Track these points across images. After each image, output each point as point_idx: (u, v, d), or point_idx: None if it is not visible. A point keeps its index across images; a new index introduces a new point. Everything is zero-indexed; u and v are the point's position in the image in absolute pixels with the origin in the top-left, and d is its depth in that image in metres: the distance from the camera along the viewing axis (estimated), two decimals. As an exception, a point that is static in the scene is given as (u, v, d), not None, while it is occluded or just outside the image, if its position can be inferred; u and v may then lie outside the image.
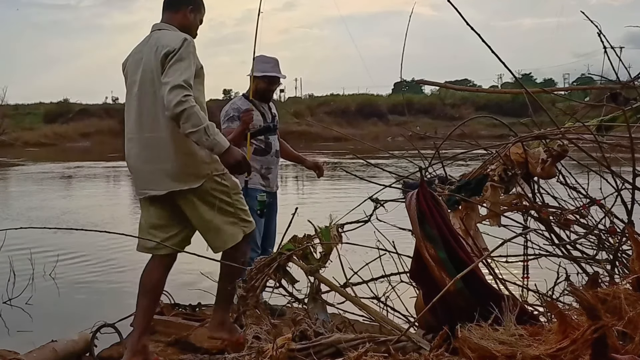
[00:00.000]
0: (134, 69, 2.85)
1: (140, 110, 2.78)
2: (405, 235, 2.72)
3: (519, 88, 2.81)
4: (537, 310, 2.35)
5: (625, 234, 2.34)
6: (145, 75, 2.77)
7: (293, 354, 1.88)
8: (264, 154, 3.96)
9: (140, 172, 2.88)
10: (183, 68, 2.61)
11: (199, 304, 3.66)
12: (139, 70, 2.80)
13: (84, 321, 3.36)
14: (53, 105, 43.61)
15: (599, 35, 2.42)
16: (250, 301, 2.55)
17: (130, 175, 3.02)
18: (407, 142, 3.92)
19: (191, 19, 2.95)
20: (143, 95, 2.78)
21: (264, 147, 3.96)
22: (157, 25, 2.93)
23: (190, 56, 2.68)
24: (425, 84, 3.27)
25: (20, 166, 20.63)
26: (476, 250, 2.46)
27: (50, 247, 6.43)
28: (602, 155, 2.56)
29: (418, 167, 2.55)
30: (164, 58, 2.66)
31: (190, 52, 2.69)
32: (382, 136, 31.15)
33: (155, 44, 2.76)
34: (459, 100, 41.25)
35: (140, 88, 2.79)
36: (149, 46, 2.80)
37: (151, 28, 2.94)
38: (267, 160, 3.97)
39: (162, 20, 2.96)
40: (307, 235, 2.76)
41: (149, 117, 2.76)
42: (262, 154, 3.95)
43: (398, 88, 42.31)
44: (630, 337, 1.54)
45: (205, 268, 3.73)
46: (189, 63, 2.65)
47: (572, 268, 2.65)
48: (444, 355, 1.72)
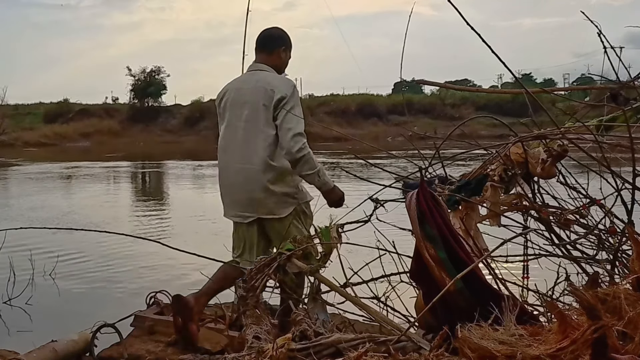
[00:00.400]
0: (237, 104, 3.14)
1: (247, 143, 3.08)
2: (405, 235, 2.72)
3: (519, 88, 2.81)
4: (537, 310, 2.36)
5: (625, 234, 2.34)
6: (252, 113, 3.06)
7: (293, 354, 1.89)
8: None
9: (236, 197, 3.19)
10: (299, 116, 2.99)
11: (199, 304, 3.65)
12: (245, 105, 3.10)
13: (84, 321, 3.36)
14: (53, 105, 43.55)
15: (599, 35, 2.42)
16: (250, 301, 2.55)
17: (224, 197, 3.30)
18: (407, 142, 3.93)
19: (284, 58, 3.26)
20: (250, 130, 3.08)
21: None
22: (256, 65, 3.21)
23: (299, 102, 3.06)
24: (425, 84, 3.27)
25: (17, 166, 20.62)
26: (476, 250, 2.46)
27: (50, 247, 6.43)
28: (602, 155, 2.55)
29: (418, 167, 2.55)
30: (277, 102, 2.98)
31: (298, 99, 3.07)
32: (382, 136, 31.13)
33: (262, 85, 3.06)
34: (459, 100, 41.18)
35: (247, 123, 3.08)
36: (254, 85, 3.10)
37: (248, 67, 3.25)
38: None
39: (256, 60, 3.23)
40: (307, 235, 2.77)
41: (250, 150, 3.07)
42: None
43: (398, 88, 42.31)
44: (630, 337, 1.54)
45: (205, 268, 3.74)
46: (300, 110, 3.02)
47: (572, 268, 2.65)
48: (444, 355, 1.72)
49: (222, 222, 3.85)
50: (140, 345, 3.15)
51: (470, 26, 2.18)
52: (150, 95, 42.26)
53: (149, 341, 3.20)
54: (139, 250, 6.25)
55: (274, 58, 3.20)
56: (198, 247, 3.63)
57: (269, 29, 3.31)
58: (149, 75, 42.19)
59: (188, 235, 7.22)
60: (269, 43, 3.22)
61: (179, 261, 5.41)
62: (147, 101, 42.54)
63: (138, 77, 42.08)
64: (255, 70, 3.19)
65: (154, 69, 42.50)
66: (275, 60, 3.20)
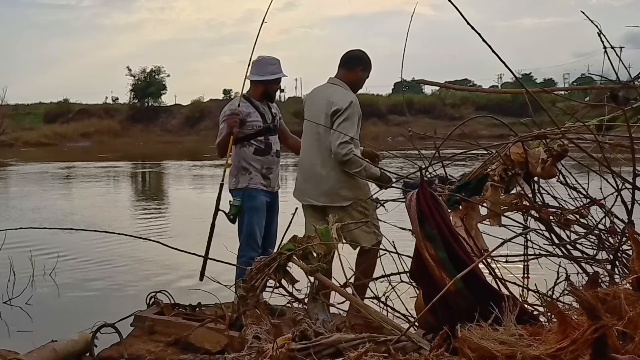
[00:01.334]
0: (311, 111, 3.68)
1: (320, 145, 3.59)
2: (406, 235, 2.72)
3: (519, 88, 2.81)
4: (537, 310, 2.35)
5: (625, 234, 2.34)
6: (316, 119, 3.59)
7: (293, 354, 1.88)
8: (264, 154, 3.99)
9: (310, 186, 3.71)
10: (349, 126, 3.46)
11: (199, 304, 3.65)
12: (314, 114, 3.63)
13: (84, 321, 3.36)
14: (53, 105, 43.60)
15: (599, 35, 2.42)
16: (250, 301, 2.55)
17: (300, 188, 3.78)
18: (407, 142, 3.94)
19: (360, 76, 3.70)
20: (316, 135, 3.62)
21: (264, 147, 3.99)
22: (333, 80, 3.69)
23: (354, 115, 3.52)
24: (425, 83, 3.29)
25: (12, 166, 20.60)
26: (476, 250, 2.46)
27: (50, 247, 6.43)
28: (602, 155, 2.55)
29: (418, 167, 2.55)
30: (333, 114, 3.49)
31: (355, 113, 3.52)
32: (382, 136, 31.13)
33: (328, 97, 3.56)
34: (459, 100, 41.19)
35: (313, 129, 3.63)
36: (324, 95, 3.61)
37: (328, 79, 3.71)
38: (268, 160, 4.00)
39: (337, 75, 3.69)
40: (307, 235, 2.77)
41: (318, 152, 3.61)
42: (263, 154, 3.99)
43: (398, 88, 42.26)
44: (630, 337, 1.54)
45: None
46: (352, 122, 3.49)
47: (572, 268, 2.65)
48: (444, 355, 1.72)
49: (223, 222, 3.86)
50: (140, 345, 3.15)
51: (471, 26, 2.18)
52: (150, 95, 42.28)
53: (149, 341, 3.20)
54: (138, 250, 6.25)
55: (351, 74, 3.65)
56: (198, 247, 3.64)
57: (353, 50, 3.75)
58: (149, 75, 42.22)
59: (188, 235, 7.23)
60: (350, 61, 3.67)
61: (179, 261, 5.41)
62: (147, 101, 42.54)
63: (138, 77, 42.14)
64: (331, 83, 3.67)
65: (154, 69, 42.58)
66: (352, 77, 3.65)
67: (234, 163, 4.00)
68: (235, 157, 3.99)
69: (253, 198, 3.91)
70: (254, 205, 3.90)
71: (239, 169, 3.96)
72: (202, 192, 12.99)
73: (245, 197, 3.89)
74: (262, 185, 3.96)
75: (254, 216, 3.91)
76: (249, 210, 3.89)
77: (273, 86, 4.09)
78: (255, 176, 3.93)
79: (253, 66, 4.05)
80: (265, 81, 4.03)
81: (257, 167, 3.93)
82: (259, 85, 4.04)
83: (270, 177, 4.01)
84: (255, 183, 3.93)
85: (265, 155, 3.99)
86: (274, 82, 4.08)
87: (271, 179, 4.02)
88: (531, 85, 21.94)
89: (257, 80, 4.04)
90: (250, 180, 3.92)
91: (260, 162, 3.95)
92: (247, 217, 3.90)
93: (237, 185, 3.96)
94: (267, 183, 4.00)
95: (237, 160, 3.98)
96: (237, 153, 3.98)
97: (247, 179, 3.93)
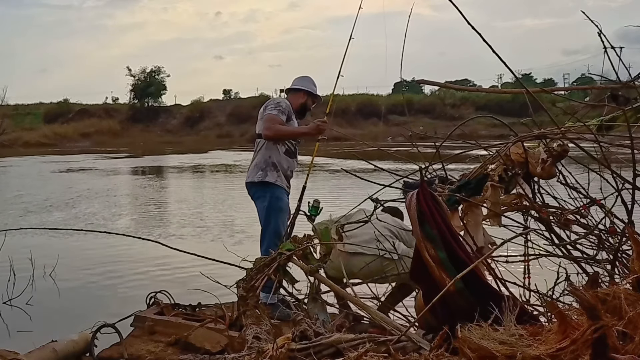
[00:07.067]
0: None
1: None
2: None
3: (519, 88, 2.81)
4: (537, 310, 2.35)
5: (625, 234, 2.34)
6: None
7: (293, 354, 1.88)
8: (292, 157, 4.15)
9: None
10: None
11: (199, 304, 3.65)
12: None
13: (84, 321, 3.36)
14: (53, 105, 43.61)
15: (599, 35, 2.42)
16: (250, 301, 2.55)
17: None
18: (407, 141, 3.94)
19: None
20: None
21: (293, 150, 4.15)
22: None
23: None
24: (425, 83, 3.28)
25: (10, 166, 20.58)
26: (476, 249, 2.46)
27: (51, 247, 6.42)
28: (602, 155, 2.55)
29: (418, 167, 2.55)
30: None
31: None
32: (381, 136, 31.12)
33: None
34: (459, 100, 41.18)
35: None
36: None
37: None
38: (293, 164, 4.16)
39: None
40: (307, 235, 2.77)
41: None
42: (291, 157, 4.13)
43: (398, 88, 42.25)
44: (630, 337, 1.54)
45: (205, 268, 3.74)
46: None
47: (572, 268, 2.65)
48: (444, 355, 1.72)
49: (223, 223, 3.86)
50: (140, 345, 3.15)
51: (471, 25, 2.18)
52: (150, 95, 42.27)
53: (149, 341, 3.20)
54: (139, 250, 6.25)
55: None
56: (198, 247, 3.64)
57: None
58: (149, 76, 42.20)
59: (188, 235, 7.23)
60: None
61: (179, 261, 5.41)
62: (147, 101, 42.53)
63: (138, 77, 42.12)
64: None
65: (154, 69, 42.57)
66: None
67: (263, 157, 4.08)
68: (265, 152, 4.08)
69: (279, 199, 4.01)
70: (281, 206, 4.01)
71: (269, 164, 4.05)
72: (202, 192, 13.01)
73: (273, 197, 3.98)
74: (285, 187, 4.09)
75: (281, 216, 4.00)
76: (277, 210, 3.99)
77: (311, 101, 4.30)
78: (281, 176, 4.04)
79: (298, 80, 4.28)
80: (310, 94, 4.25)
81: (285, 167, 4.06)
82: (301, 96, 4.23)
83: (289, 180, 4.15)
84: (281, 182, 4.05)
85: (293, 157, 4.14)
86: (314, 97, 4.31)
87: (289, 181, 4.15)
88: (531, 85, 21.88)
89: (304, 91, 4.23)
90: (278, 179, 4.03)
91: (288, 162, 4.09)
92: (274, 217, 3.98)
93: (263, 178, 4.03)
94: (288, 184, 4.13)
95: (268, 156, 4.06)
96: (268, 148, 4.07)
97: (275, 176, 4.03)
